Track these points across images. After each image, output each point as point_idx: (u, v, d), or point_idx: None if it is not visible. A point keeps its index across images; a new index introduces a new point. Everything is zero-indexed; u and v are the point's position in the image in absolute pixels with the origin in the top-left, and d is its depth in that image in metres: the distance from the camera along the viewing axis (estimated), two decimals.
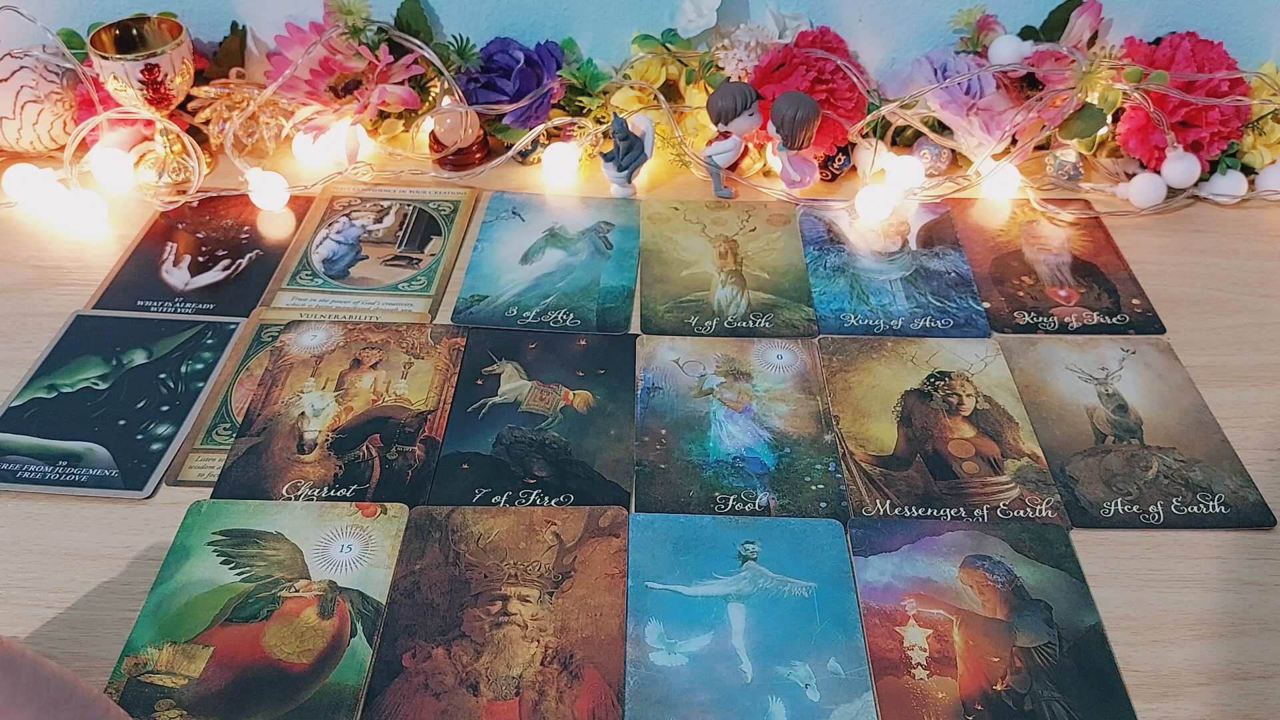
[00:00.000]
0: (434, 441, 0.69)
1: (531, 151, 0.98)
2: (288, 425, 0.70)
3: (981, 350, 0.77)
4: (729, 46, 0.96)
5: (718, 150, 0.92)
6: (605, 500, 0.65)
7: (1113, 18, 0.99)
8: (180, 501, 0.65)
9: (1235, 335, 0.79)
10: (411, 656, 0.56)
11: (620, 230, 0.90)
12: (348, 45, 0.93)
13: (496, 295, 0.82)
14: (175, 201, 0.92)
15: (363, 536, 0.62)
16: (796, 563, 0.61)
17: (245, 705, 0.54)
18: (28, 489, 0.66)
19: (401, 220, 0.91)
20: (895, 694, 0.54)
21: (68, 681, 0.44)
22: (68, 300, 0.82)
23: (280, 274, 0.85)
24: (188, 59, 0.90)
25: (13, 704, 0.41)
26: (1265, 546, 0.63)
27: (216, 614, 0.58)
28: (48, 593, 0.60)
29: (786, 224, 0.91)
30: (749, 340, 0.78)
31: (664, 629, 0.58)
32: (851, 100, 0.93)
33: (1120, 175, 0.96)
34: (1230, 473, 0.67)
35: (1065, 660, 0.56)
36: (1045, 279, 0.84)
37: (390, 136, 0.99)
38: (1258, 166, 0.94)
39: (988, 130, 0.92)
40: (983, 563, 0.61)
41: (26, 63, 0.94)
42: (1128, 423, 0.71)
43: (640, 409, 0.72)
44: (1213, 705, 0.54)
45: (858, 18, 0.99)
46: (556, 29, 1.01)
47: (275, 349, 0.77)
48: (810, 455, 0.68)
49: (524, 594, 0.59)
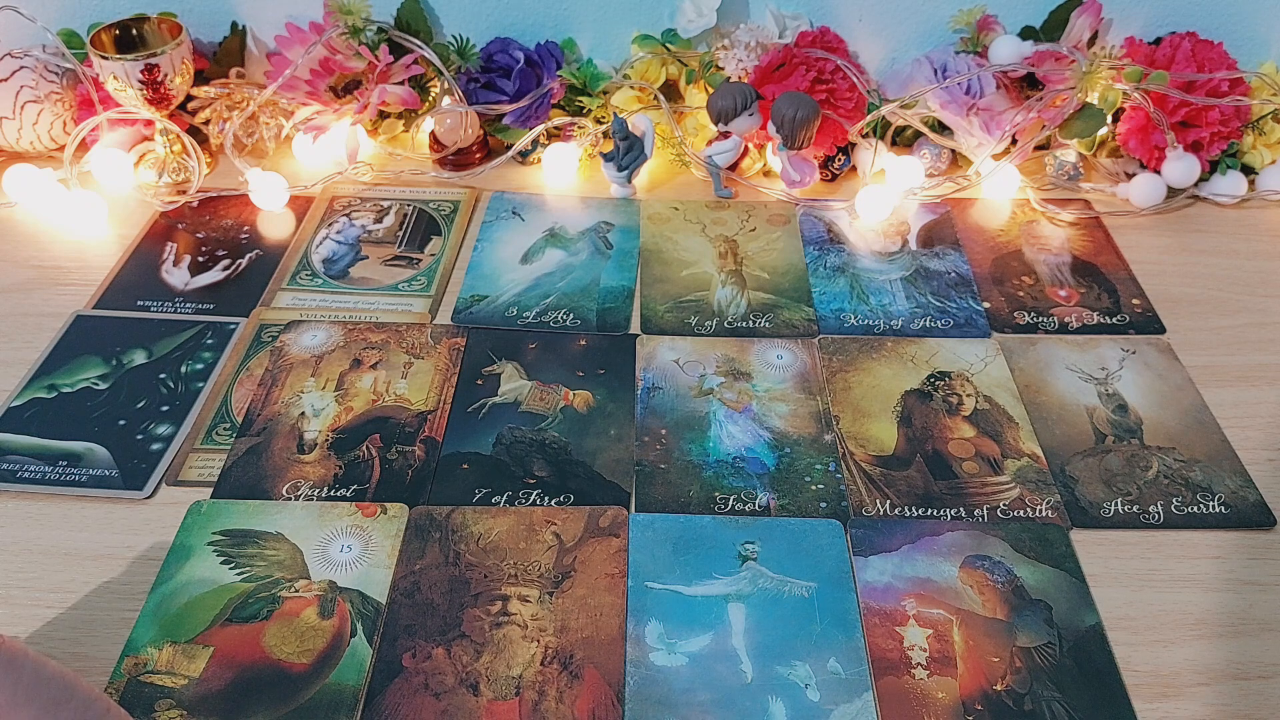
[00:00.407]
0: (434, 441, 0.69)
1: (531, 151, 0.97)
2: (288, 425, 0.70)
3: (981, 350, 0.77)
4: (729, 46, 0.96)
5: (718, 150, 0.92)
6: (605, 500, 0.65)
7: (1113, 18, 0.99)
8: (180, 501, 0.65)
9: (1235, 335, 0.79)
10: (411, 656, 0.56)
11: (620, 230, 0.90)
12: (348, 45, 0.93)
13: (496, 295, 0.82)
14: (175, 201, 0.92)
15: (363, 536, 0.62)
16: (796, 563, 0.61)
17: (245, 705, 0.54)
18: (28, 489, 0.66)
19: (401, 220, 0.91)
20: (895, 694, 0.54)
21: (69, 681, 0.44)
22: (68, 300, 0.82)
23: (280, 274, 0.85)
24: (188, 59, 0.90)
25: (14, 703, 0.42)
26: (1265, 546, 0.63)
27: (216, 614, 0.58)
28: (48, 593, 0.60)
29: (786, 224, 0.91)
30: (749, 340, 0.78)
31: (664, 629, 0.58)
32: (851, 100, 0.93)
33: (1120, 175, 0.95)
34: (1230, 473, 0.67)
35: (1065, 660, 0.56)
36: (1045, 279, 0.84)
37: (390, 136, 0.99)
38: (1258, 166, 0.94)
39: (988, 130, 0.92)
40: (983, 563, 0.61)
41: (26, 63, 0.94)
42: (1128, 423, 0.71)
43: (640, 409, 0.72)
44: (1213, 705, 0.54)
45: (858, 18, 0.99)
46: (556, 29, 1.01)
47: (275, 349, 0.77)
48: (810, 455, 0.68)
49: (524, 594, 0.59)
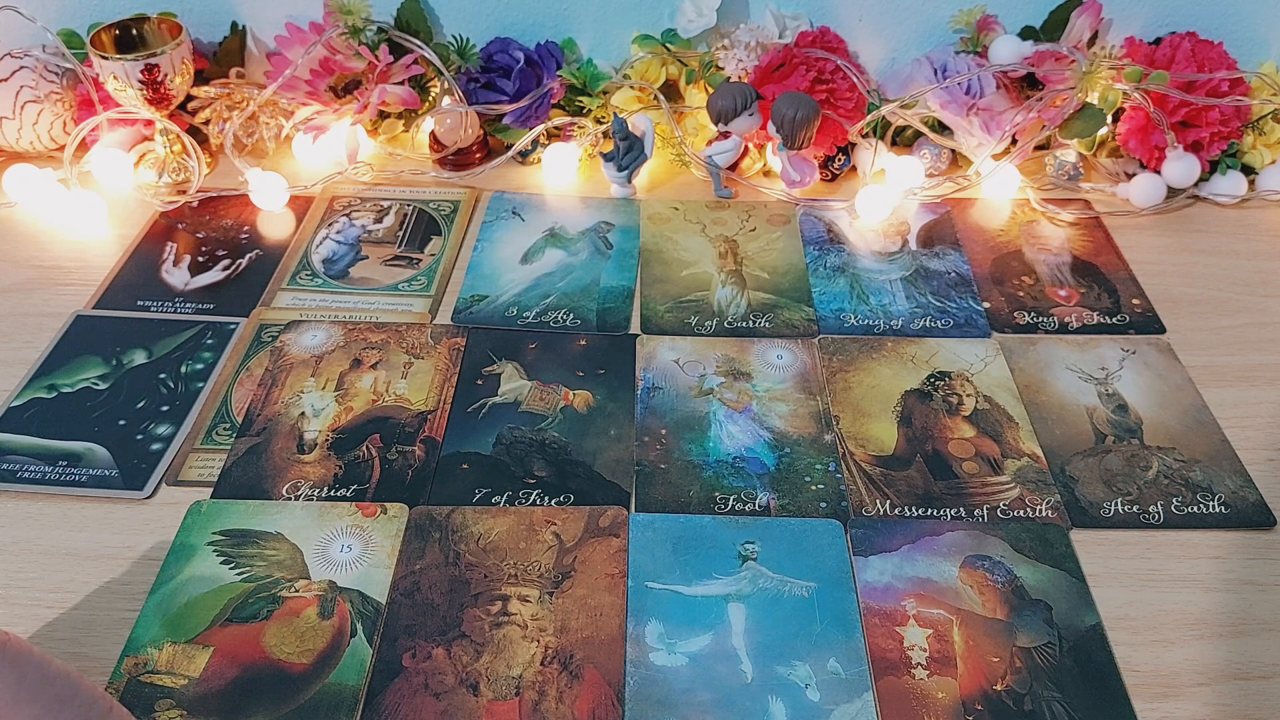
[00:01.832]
0: (434, 441, 0.69)
1: (531, 151, 0.97)
2: (288, 425, 0.70)
3: (981, 350, 0.77)
4: (729, 46, 0.96)
5: (718, 150, 0.92)
6: (605, 500, 0.65)
7: (1113, 18, 0.99)
8: (180, 501, 0.65)
9: (1235, 335, 0.79)
10: (411, 656, 0.56)
11: (620, 230, 0.90)
12: (348, 45, 0.93)
13: (496, 295, 0.82)
14: (175, 201, 0.92)
15: (363, 536, 0.62)
16: (796, 563, 0.61)
17: (245, 705, 0.54)
18: (28, 489, 0.66)
19: (401, 220, 0.91)
20: (895, 694, 0.54)
21: (72, 679, 0.44)
22: (68, 300, 0.82)
23: (280, 274, 0.85)
24: (188, 59, 0.90)
25: (17, 700, 0.42)
26: (1265, 546, 0.63)
27: (216, 614, 0.58)
28: (48, 593, 0.60)
29: (786, 224, 0.91)
30: (749, 340, 0.78)
31: (664, 629, 0.58)
32: (851, 100, 0.93)
33: (1120, 175, 0.95)
34: (1230, 473, 0.67)
35: (1065, 660, 0.56)
36: (1045, 279, 0.84)
37: (390, 136, 0.99)
38: (1258, 166, 0.94)
39: (988, 130, 0.92)
40: (983, 563, 0.61)
41: (26, 63, 0.94)
42: (1128, 423, 0.71)
43: (640, 409, 0.72)
44: (1213, 705, 0.54)
45: (858, 18, 0.99)
46: (556, 29, 1.01)
47: (275, 349, 0.77)
48: (810, 455, 0.68)
49: (524, 594, 0.59)
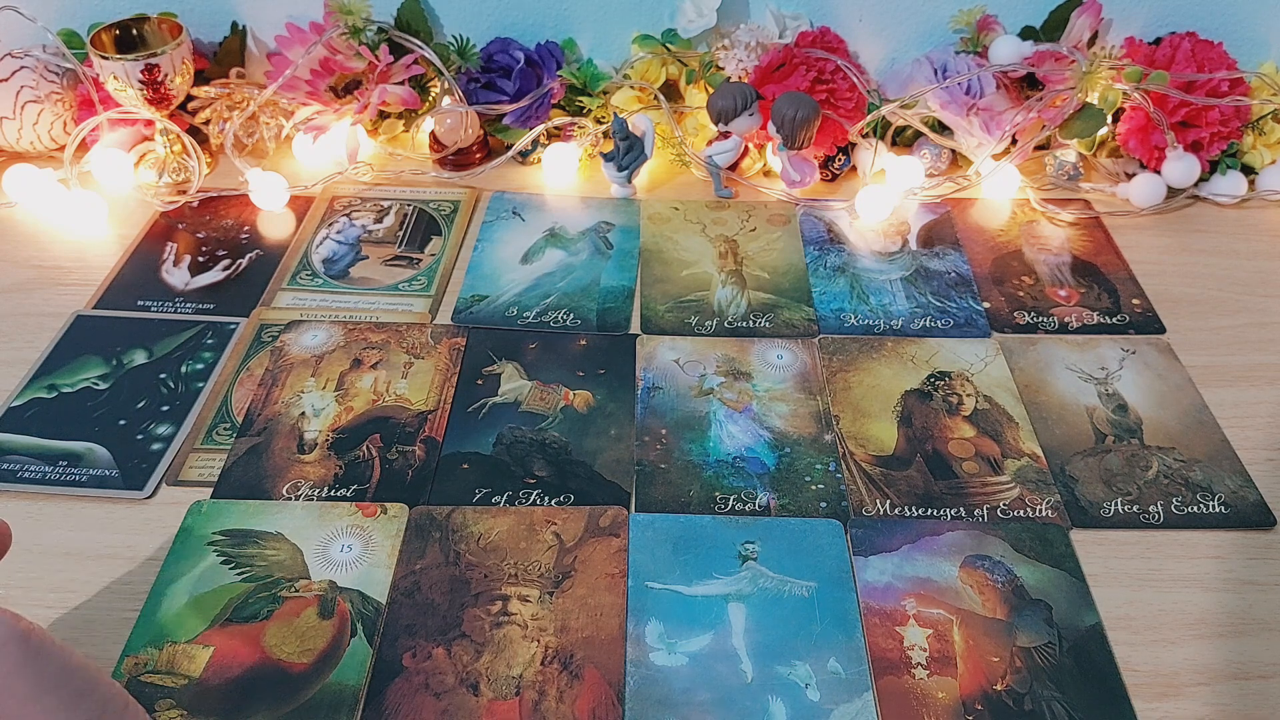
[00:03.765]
0: (434, 441, 0.69)
1: (531, 151, 0.97)
2: (288, 425, 0.70)
3: (981, 350, 0.77)
4: (729, 46, 0.96)
5: (718, 150, 0.92)
6: (605, 500, 0.65)
7: (1113, 18, 0.99)
8: (180, 501, 0.65)
9: (1235, 335, 0.79)
10: (412, 656, 0.56)
11: (620, 230, 0.90)
12: (348, 45, 0.93)
13: (496, 295, 0.82)
14: (175, 201, 0.92)
15: (363, 536, 0.62)
16: (796, 563, 0.61)
17: (245, 705, 0.54)
18: (28, 489, 0.66)
19: (401, 220, 0.91)
20: (895, 694, 0.54)
21: (92, 673, 0.44)
22: (68, 300, 0.82)
23: (280, 274, 0.85)
24: (188, 59, 0.90)
25: (38, 690, 0.41)
26: (1265, 546, 0.63)
27: (216, 614, 0.58)
28: (48, 593, 0.60)
29: (786, 224, 0.91)
30: (749, 340, 0.78)
31: (664, 629, 0.58)
32: (851, 100, 0.93)
33: (1120, 175, 0.96)
34: (1230, 473, 0.67)
35: (1065, 660, 0.56)
36: (1045, 279, 0.84)
37: (390, 136, 0.99)
38: (1258, 166, 0.94)
39: (988, 130, 0.92)
40: (983, 562, 0.61)
41: (26, 63, 0.94)
42: (1128, 423, 0.71)
43: (640, 409, 0.72)
44: (1213, 705, 0.54)
45: (858, 18, 0.99)
46: (556, 29, 1.01)
47: (275, 349, 0.77)
48: (810, 455, 0.68)
49: (524, 594, 0.59)
